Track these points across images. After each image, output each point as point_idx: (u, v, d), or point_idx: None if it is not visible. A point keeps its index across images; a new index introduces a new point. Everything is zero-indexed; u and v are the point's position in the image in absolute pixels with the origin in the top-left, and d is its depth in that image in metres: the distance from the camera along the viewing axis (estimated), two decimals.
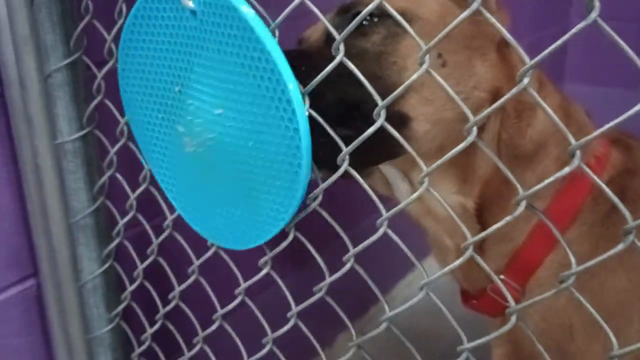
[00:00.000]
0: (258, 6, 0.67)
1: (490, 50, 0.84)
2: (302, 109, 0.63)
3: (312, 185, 0.72)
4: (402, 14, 0.79)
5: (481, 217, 0.87)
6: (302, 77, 0.65)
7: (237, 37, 0.64)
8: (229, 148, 0.70)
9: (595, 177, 0.53)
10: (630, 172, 0.87)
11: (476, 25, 0.82)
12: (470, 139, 0.58)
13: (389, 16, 0.78)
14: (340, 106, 0.74)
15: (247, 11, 0.62)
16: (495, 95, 0.83)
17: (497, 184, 0.85)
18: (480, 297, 0.94)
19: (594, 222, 0.84)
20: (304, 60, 0.74)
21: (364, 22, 0.80)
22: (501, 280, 0.86)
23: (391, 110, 0.66)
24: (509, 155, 0.85)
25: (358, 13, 0.79)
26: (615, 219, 0.83)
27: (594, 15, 0.47)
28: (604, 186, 0.53)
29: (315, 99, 0.66)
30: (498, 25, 0.53)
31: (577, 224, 0.85)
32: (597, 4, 0.46)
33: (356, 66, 0.63)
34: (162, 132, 0.79)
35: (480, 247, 0.89)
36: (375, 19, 0.79)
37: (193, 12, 0.67)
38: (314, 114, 0.66)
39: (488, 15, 0.53)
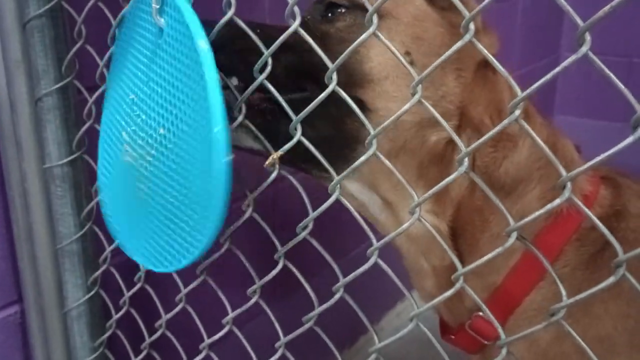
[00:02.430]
0: (253, 36, 0.68)
1: (467, 68, 0.81)
2: (223, 154, 0.62)
3: (302, 213, 0.71)
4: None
5: (455, 243, 0.84)
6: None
7: (189, 67, 0.65)
8: (164, 170, 0.70)
9: (587, 210, 0.53)
10: (618, 214, 0.83)
11: (454, 38, 0.79)
12: (462, 169, 0.58)
13: (358, 8, 0.78)
14: (291, 73, 0.74)
15: (203, 46, 0.63)
16: (461, 114, 0.80)
17: (469, 210, 0.82)
18: (458, 332, 0.91)
19: (577, 265, 0.80)
20: (261, 28, 0.74)
21: (329, 15, 0.81)
22: (480, 317, 0.84)
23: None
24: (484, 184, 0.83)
25: (331, 3, 0.81)
26: (601, 262, 0.78)
27: (584, 49, 0.47)
28: (594, 218, 0.52)
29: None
30: (483, 49, 0.53)
31: (558, 265, 0.80)
32: (587, 38, 0.47)
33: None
34: (112, 138, 0.79)
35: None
36: (343, 10, 0.80)
37: (160, 29, 0.69)
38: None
39: (478, 45, 0.53)
